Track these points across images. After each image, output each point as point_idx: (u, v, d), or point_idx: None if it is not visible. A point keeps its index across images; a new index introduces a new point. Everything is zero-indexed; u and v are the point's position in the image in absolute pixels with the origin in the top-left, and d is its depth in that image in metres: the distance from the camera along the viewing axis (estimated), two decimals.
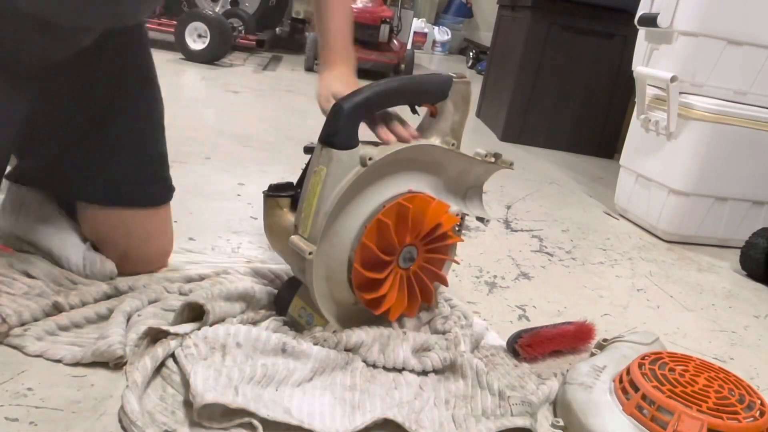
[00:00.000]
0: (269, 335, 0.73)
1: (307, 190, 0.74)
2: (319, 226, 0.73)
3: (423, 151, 0.80)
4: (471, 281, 1.11)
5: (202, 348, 0.70)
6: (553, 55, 2.37)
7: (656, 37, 1.53)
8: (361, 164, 0.73)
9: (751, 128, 1.46)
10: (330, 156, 0.72)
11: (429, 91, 0.81)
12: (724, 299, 1.24)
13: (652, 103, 1.57)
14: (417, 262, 0.80)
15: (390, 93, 0.77)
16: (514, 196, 1.71)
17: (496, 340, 0.90)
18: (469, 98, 0.83)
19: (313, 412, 0.67)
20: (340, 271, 0.77)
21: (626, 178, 1.68)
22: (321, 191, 0.73)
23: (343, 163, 0.73)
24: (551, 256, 1.31)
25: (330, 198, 0.73)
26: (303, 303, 0.81)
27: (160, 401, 0.65)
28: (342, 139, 0.72)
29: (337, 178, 0.73)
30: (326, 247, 0.75)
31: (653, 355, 0.76)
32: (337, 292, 0.79)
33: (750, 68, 1.44)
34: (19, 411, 0.62)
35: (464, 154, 0.83)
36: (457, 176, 0.86)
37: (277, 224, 0.80)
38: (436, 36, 6.02)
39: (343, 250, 0.76)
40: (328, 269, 0.76)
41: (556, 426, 0.72)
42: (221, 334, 0.72)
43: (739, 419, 0.66)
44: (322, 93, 0.86)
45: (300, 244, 0.73)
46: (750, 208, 1.54)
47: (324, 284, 0.77)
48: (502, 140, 2.43)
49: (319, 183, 0.73)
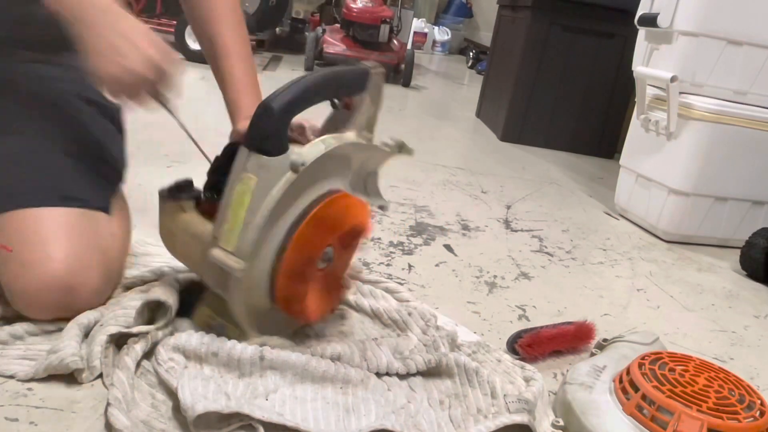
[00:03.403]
0: (245, 345, 0.70)
1: (232, 200, 0.67)
2: (249, 240, 0.67)
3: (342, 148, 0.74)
4: (471, 281, 1.11)
5: (180, 359, 0.68)
6: (553, 55, 2.37)
7: (656, 37, 1.53)
8: (293, 170, 0.67)
9: (751, 128, 1.46)
10: (261, 164, 0.66)
11: (350, 84, 0.77)
12: (724, 299, 1.24)
13: (652, 103, 1.57)
14: (334, 260, 0.76)
15: (316, 88, 0.71)
16: (514, 196, 1.71)
17: (469, 335, 0.89)
18: (382, 90, 0.79)
19: (307, 417, 0.66)
20: (261, 280, 0.72)
21: (626, 178, 1.68)
22: (250, 202, 0.66)
23: (274, 170, 0.67)
24: (551, 256, 1.31)
25: (261, 210, 0.67)
26: (210, 312, 0.75)
27: (153, 409, 0.64)
28: (274, 145, 0.66)
29: (267, 188, 0.66)
30: (256, 259, 0.70)
31: (653, 355, 0.76)
32: (254, 299, 0.73)
33: (750, 68, 1.43)
34: (19, 411, 0.62)
35: (376, 147, 0.80)
36: (360, 166, 0.82)
37: (181, 230, 0.73)
38: (436, 36, 6.01)
39: (267, 261, 0.71)
40: (250, 280, 0.71)
41: (556, 426, 0.72)
42: (194, 344, 0.69)
43: (739, 419, 0.66)
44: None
45: (227, 261, 0.67)
46: (750, 208, 1.54)
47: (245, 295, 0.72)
48: (502, 140, 2.43)
49: (248, 193, 0.66)
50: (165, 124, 0.92)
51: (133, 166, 0.96)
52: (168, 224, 0.74)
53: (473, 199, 1.62)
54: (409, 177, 1.70)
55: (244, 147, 0.67)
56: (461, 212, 1.49)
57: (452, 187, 1.69)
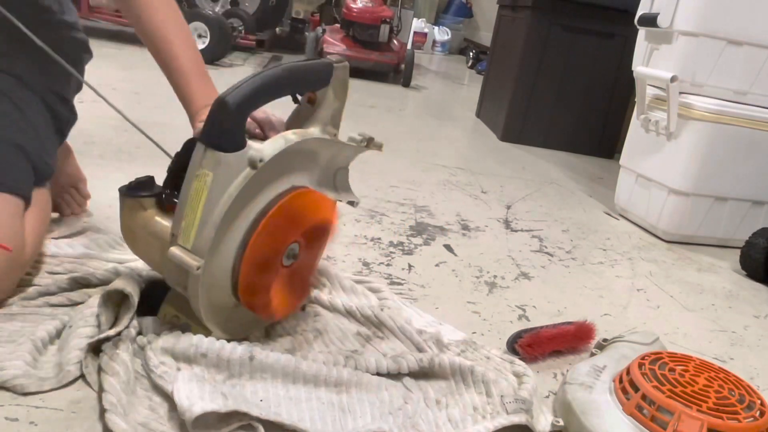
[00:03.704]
0: (234, 345, 0.69)
1: (189, 197, 0.66)
2: (206, 237, 0.66)
3: (306, 143, 0.73)
4: (471, 281, 1.11)
5: (171, 363, 0.67)
6: (553, 55, 2.37)
7: (656, 37, 1.53)
8: (251, 166, 0.66)
9: (751, 128, 1.46)
10: (217, 159, 0.65)
11: (312, 78, 0.75)
12: (724, 299, 1.24)
13: (652, 103, 1.57)
14: (300, 256, 0.75)
15: (276, 82, 0.70)
16: (514, 196, 1.71)
17: (455, 333, 0.89)
18: (347, 83, 0.78)
19: (303, 417, 0.65)
20: (223, 278, 0.70)
21: (626, 178, 1.68)
22: (207, 199, 0.65)
23: (231, 166, 0.65)
24: (551, 256, 1.31)
25: (218, 207, 0.65)
26: (174, 311, 0.74)
27: (150, 411, 0.64)
28: (230, 140, 0.65)
29: (224, 184, 0.65)
30: (214, 255, 0.69)
31: (653, 355, 0.76)
32: (217, 297, 0.72)
33: (750, 68, 1.43)
34: (19, 411, 0.62)
35: (341, 142, 0.79)
36: (328, 162, 0.81)
37: (141, 228, 0.72)
38: (436, 36, 6.02)
39: (228, 258, 0.69)
40: (211, 277, 0.70)
41: (556, 426, 0.72)
42: (183, 345, 0.68)
43: (739, 419, 0.66)
44: None
45: (185, 259, 0.66)
46: (750, 208, 1.54)
47: (205, 294, 0.71)
48: (502, 140, 2.43)
49: (204, 190, 0.65)
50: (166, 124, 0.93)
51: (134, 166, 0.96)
52: (128, 222, 0.73)
53: (473, 199, 1.62)
54: (409, 177, 1.70)
55: (200, 143, 0.66)
56: (461, 212, 1.49)
57: (452, 187, 1.69)
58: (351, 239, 1.20)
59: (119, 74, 2.42)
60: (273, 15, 4.00)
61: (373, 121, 2.42)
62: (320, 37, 3.49)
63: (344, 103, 0.79)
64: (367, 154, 0.86)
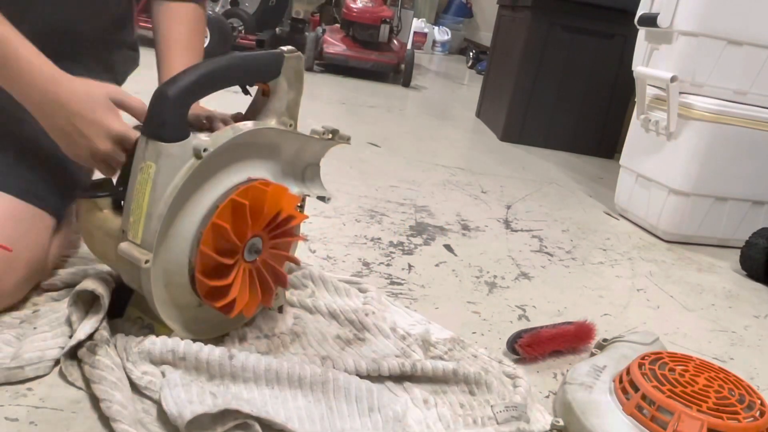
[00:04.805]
0: (211, 347, 0.68)
1: (134, 190, 0.66)
2: (153, 230, 0.65)
3: (261, 134, 0.73)
4: (471, 281, 1.11)
5: (154, 370, 0.66)
6: (553, 55, 2.37)
7: (656, 37, 1.53)
8: (195, 156, 0.65)
9: (751, 128, 1.46)
10: (159, 150, 0.64)
11: (260, 69, 0.74)
12: (724, 299, 1.24)
13: (652, 103, 1.57)
14: (264, 251, 0.73)
15: (219, 73, 0.69)
16: (514, 196, 1.71)
17: (443, 331, 0.88)
18: (302, 74, 0.77)
19: (291, 416, 0.64)
20: (180, 275, 0.69)
21: (626, 178, 1.68)
22: (151, 191, 0.64)
23: (175, 157, 0.65)
24: (551, 256, 1.31)
25: (163, 198, 0.65)
26: (139, 312, 0.73)
27: (145, 414, 0.63)
28: (171, 131, 0.64)
29: (169, 175, 0.65)
30: (163, 252, 0.67)
31: (653, 355, 0.76)
32: (178, 295, 0.71)
33: (750, 68, 1.43)
34: (19, 411, 0.62)
35: (301, 134, 0.78)
36: (294, 156, 0.80)
37: (98, 229, 0.71)
38: (436, 36, 6.02)
39: (182, 252, 0.68)
40: (167, 274, 0.68)
41: (556, 426, 0.72)
42: (158, 350, 0.67)
43: (739, 419, 0.66)
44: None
45: (133, 253, 0.65)
46: (750, 208, 1.54)
47: (163, 290, 0.70)
48: (502, 140, 2.43)
49: (149, 181, 0.64)
50: None
51: None
52: (85, 224, 0.72)
53: (473, 199, 1.62)
54: (409, 177, 1.70)
55: (142, 135, 0.65)
56: (461, 212, 1.49)
57: (452, 187, 1.69)
58: (351, 239, 1.20)
59: None
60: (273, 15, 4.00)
61: (373, 121, 2.42)
62: (320, 37, 3.49)
63: (300, 94, 0.78)
64: (367, 154, 0.86)
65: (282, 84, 0.75)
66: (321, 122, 0.74)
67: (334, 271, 1.05)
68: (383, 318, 0.86)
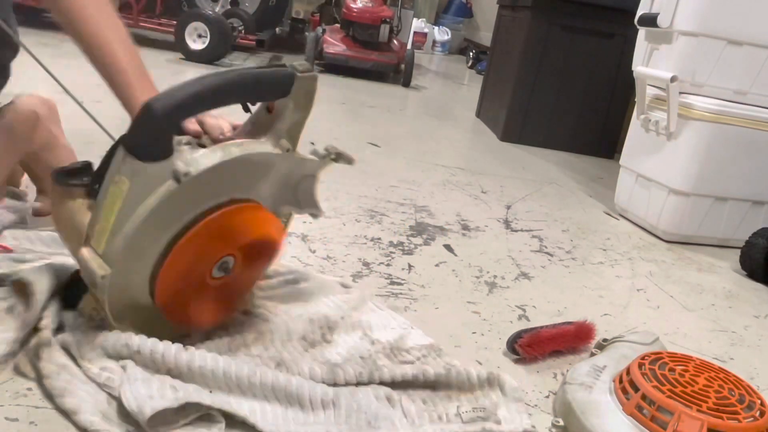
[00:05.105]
0: (167, 342, 0.66)
1: (105, 200, 0.62)
2: (116, 246, 0.62)
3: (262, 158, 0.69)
4: (471, 281, 1.11)
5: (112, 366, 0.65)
6: (553, 55, 2.37)
7: (656, 37, 1.53)
8: (175, 179, 0.61)
9: (751, 128, 1.46)
10: (135, 169, 0.60)
11: (267, 88, 0.69)
12: (724, 299, 1.24)
13: (652, 103, 1.57)
14: (234, 271, 0.70)
15: (216, 91, 0.63)
16: (514, 196, 1.71)
17: (423, 338, 0.85)
18: (313, 95, 0.71)
19: (254, 409, 0.63)
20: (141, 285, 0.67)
21: (626, 178, 1.68)
22: (121, 208, 0.61)
23: (151, 177, 0.60)
24: (551, 256, 1.31)
25: (131, 218, 0.61)
26: (95, 304, 0.71)
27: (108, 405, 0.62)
28: (152, 150, 0.60)
29: (142, 195, 0.61)
30: (125, 265, 0.64)
31: (653, 355, 0.76)
32: (136, 299, 0.68)
33: (750, 68, 1.43)
34: (19, 411, 0.62)
35: (301, 157, 0.73)
36: (287, 174, 0.75)
37: (65, 219, 0.67)
38: (436, 36, 6.01)
39: (146, 266, 0.66)
40: (126, 282, 0.66)
41: (556, 426, 0.72)
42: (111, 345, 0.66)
43: (739, 419, 0.66)
44: None
45: (92, 264, 0.62)
46: (750, 208, 1.54)
47: (119, 295, 0.67)
48: (502, 140, 2.43)
49: (120, 197, 0.61)
50: None
51: None
52: (56, 208, 0.69)
53: (473, 199, 1.62)
54: (409, 177, 1.70)
55: (121, 144, 0.61)
56: (461, 212, 1.49)
57: (452, 187, 1.69)
58: (351, 239, 1.20)
59: None
60: (273, 15, 4.00)
61: (373, 121, 2.42)
62: (320, 37, 3.49)
63: (307, 116, 0.72)
64: (367, 154, 0.85)
65: (289, 105, 0.70)
66: (320, 122, 0.74)
67: (334, 271, 1.05)
68: (358, 321, 0.84)
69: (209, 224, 0.66)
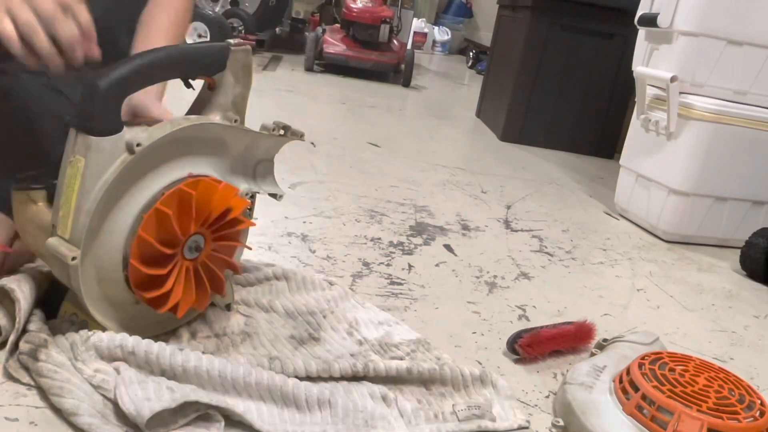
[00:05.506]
0: (161, 343, 0.66)
1: (63, 184, 0.64)
2: (81, 225, 0.63)
3: (202, 129, 0.71)
4: (471, 281, 1.11)
5: (106, 368, 0.64)
6: (553, 55, 2.37)
7: (656, 37, 1.53)
8: (128, 151, 0.63)
9: (751, 128, 1.46)
10: (88, 144, 0.62)
11: (203, 62, 0.71)
12: (724, 299, 1.24)
13: (652, 103, 1.57)
14: (205, 251, 0.72)
15: (156, 65, 0.66)
16: (514, 196, 1.71)
17: (410, 333, 0.85)
18: (250, 67, 0.74)
19: (250, 408, 0.63)
20: (114, 271, 0.68)
21: (626, 178, 1.68)
22: (80, 186, 0.62)
23: (105, 151, 0.62)
24: (551, 256, 1.31)
25: (92, 193, 0.63)
26: (74, 308, 0.71)
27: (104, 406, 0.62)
28: (101, 124, 0.62)
29: (98, 170, 0.62)
30: (94, 248, 0.65)
31: (653, 355, 0.76)
32: (112, 293, 0.69)
33: (750, 68, 1.43)
34: (19, 411, 0.62)
35: (249, 129, 0.76)
36: (244, 152, 0.77)
37: (30, 222, 0.68)
38: (436, 36, 6.02)
39: (116, 248, 0.67)
40: (99, 270, 0.66)
41: (556, 426, 0.72)
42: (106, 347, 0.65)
43: (739, 419, 0.66)
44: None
45: (61, 249, 0.63)
46: (750, 208, 1.54)
47: (96, 287, 0.67)
48: (502, 140, 2.43)
49: (77, 176, 0.62)
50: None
51: None
52: (19, 216, 0.70)
53: (473, 199, 1.62)
54: (409, 177, 1.70)
55: (72, 128, 0.63)
56: (461, 212, 1.49)
57: (452, 187, 1.69)
58: (351, 239, 1.20)
59: None
60: (273, 15, 4.00)
61: (373, 121, 2.42)
62: (320, 37, 3.49)
63: (248, 88, 0.75)
64: (367, 154, 0.86)
65: (228, 78, 0.73)
66: (320, 122, 0.74)
67: (334, 271, 1.05)
68: (343, 318, 0.84)
69: (171, 198, 0.67)
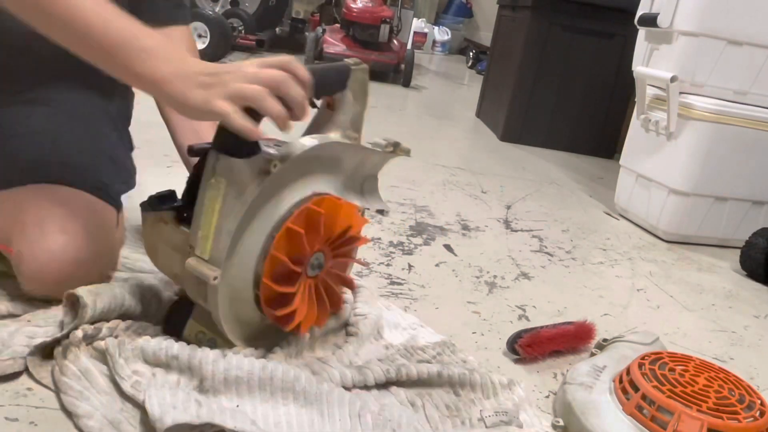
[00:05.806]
0: (205, 349, 0.67)
1: (204, 206, 0.66)
2: (222, 247, 0.65)
3: (326, 148, 0.72)
4: (471, 281, 1.11)
5: (144, 371, 0.65)
6: (553, 55, 2.37)
7: (656, 37, 1.53)
8: (265, 172, 0.65)
9: (751, 128, 1.46)
10: (230, 166, 0.64)
11: (327, 83, 0.73)
12: (724, 299, 1.24)
13: (652, 103, 1.57)
14: (324, 268, 0.73)
15: None
16: (514, 196, 1.71)
17: (433, 336, 0.86)
18: (367, 86, 0.76)
19: (280, 422, 0.63)
20: (245, 290, 0.69)
21: (626, 178, 1.68)
22: (221, 207, 0.64)
23: (245, 172, 0.64)
24: (551, 256, 1.31)
25: (233, 214, 0.64)
26: (201, 327, 0.73)
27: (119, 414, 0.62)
28: (242, 146, 0.63)
29: (239, 191, 0.64)
30: (230, 268, 0.67)
31: (653, 355, 0.76)
32: (241, 311, 0.71)
33: (750, 68, 1.43)
34: (19, 411, 0.62)
35: (364, 147, 0.77)
36: (354, 169, 0.79)
37: (163, 243, 0.71)
38: (436, 36, 6.02)
39: (248, 267, 0.68)
40: (233, 290, 0.68)
41: (556, 426, 0.72)
42: (152, 349, 0.66)
43: (739, 419, 0.66)
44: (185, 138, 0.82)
45: (202, 269, 0.65)
46: (750, 208, 1.54)
47: (228, 306, 0.69)
48: (502, 140, 2.43)
49: (219, 198, 0.64)
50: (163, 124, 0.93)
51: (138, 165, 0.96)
52: (149, 237, 0.72)
53: (473, 199, 1.62)
54: (409, 177, 1.70)
55: (212, 150, 0.65)
56: (461, 212, 1.49)
57: (452, 187, 1.69)
58: None
59: None
60: (273, 15, 4.00)
61: (373, 120, 2.42)
62: (320, 37, 3.49)
63: (365, 106, 0.77)
64: None
65: (348, 97, 0.75)
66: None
67: None
68: (372, 323, 0.84)
69: (300, 217, 0.68)
